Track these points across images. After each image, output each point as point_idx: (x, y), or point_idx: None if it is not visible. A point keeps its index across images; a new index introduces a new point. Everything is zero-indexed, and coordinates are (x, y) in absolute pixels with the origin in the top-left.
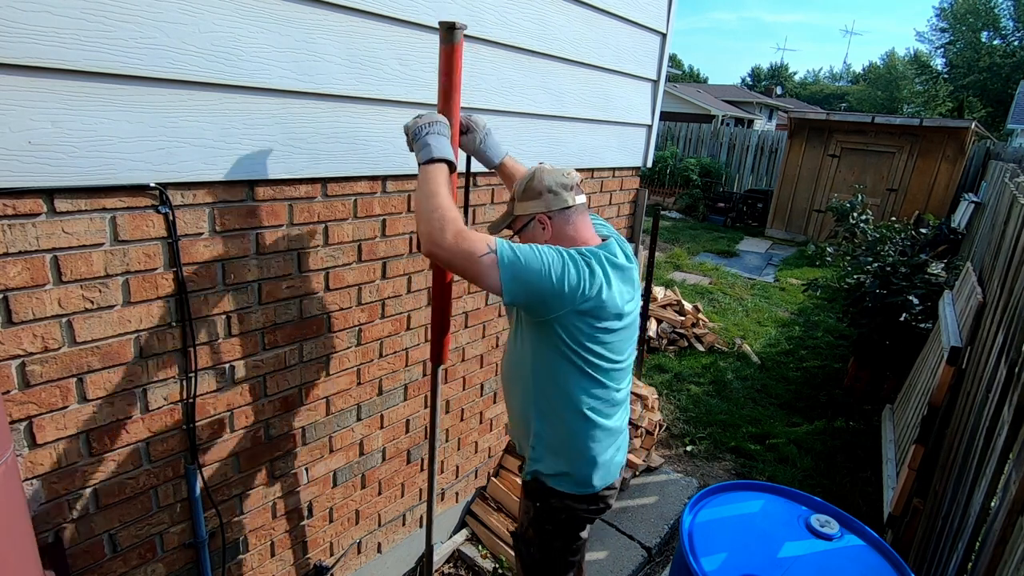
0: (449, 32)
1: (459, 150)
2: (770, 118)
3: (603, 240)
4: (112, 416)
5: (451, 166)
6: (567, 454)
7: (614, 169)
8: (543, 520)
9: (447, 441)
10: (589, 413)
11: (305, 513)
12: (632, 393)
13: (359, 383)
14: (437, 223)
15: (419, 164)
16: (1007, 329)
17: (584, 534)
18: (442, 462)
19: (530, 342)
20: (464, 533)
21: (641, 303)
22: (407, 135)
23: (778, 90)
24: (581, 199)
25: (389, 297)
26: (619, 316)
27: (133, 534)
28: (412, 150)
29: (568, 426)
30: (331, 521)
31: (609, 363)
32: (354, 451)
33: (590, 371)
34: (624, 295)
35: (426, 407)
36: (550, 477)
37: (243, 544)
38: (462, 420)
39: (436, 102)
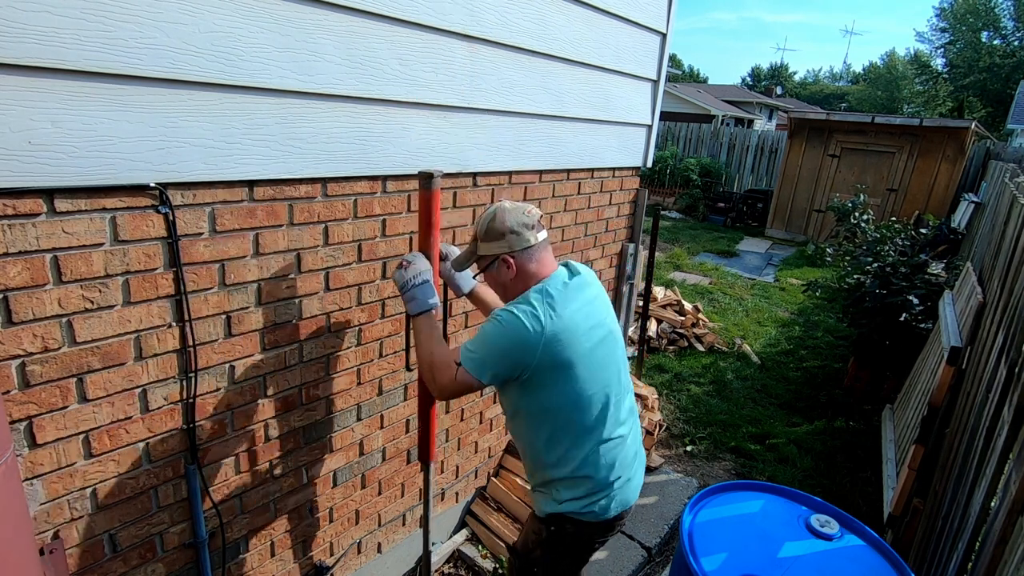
0: (427, 180)
1: (438, 276)
2: (770, 118)
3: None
4: (112, 416)
5: (435, 308)
6: (585, 487)
7: (614, 169)
8: (555, 544)
9: (447, 441)
10: (594, 439)
11: (305, 513)
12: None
13: (359, 383)
14: (428, 373)
15: (409, 315)
16: (1007, 329)
17: (590, 556)
18: (442, 462)
19: (522, 399)
20: (464, 533)
21: (613, 315)
22: (395, 285)
23: (778, 90)
24: (543, 235)
25: (389, 297)
26: (588, 332)
27: (133, 534)
28: (401, 297)
29: (582, 463)
30: (331, 521)
31: (597, 382)
32: (354, 451)
33: (581, 397)
34: (584, 313)
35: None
36: (569, 508)
37: (243, 544)
38: (462, 420)
39: (436, 103)
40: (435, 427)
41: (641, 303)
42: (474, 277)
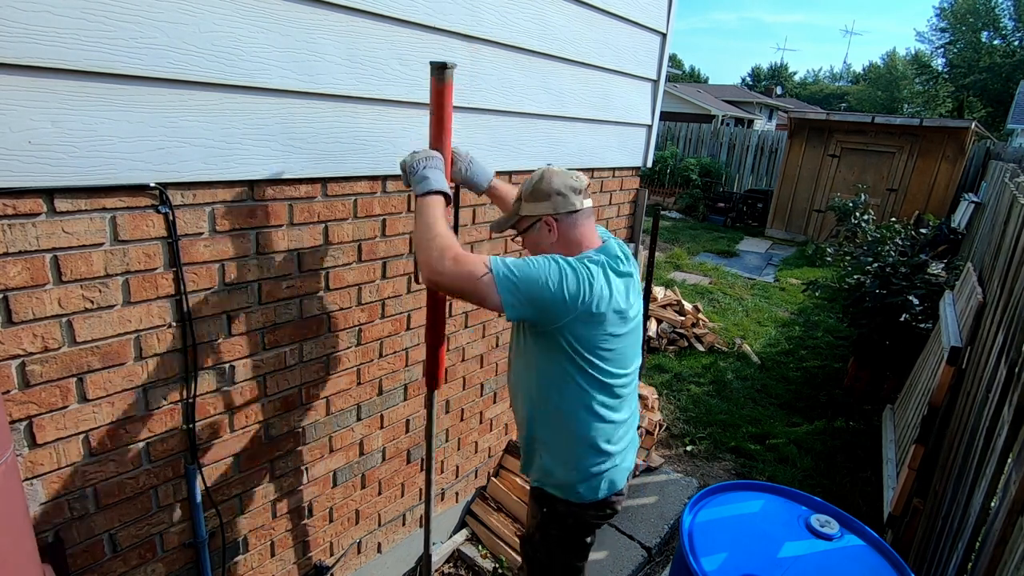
0: (440, 71)
1: (450, 181)
2: (770, 118)
3: (603, 243)
4: (112, 416)
5: (447, 198)
6: (574, 462)
7: (614, 169)
8: (550, 525)
9: (447, 441)
10: (596, 421)
11: (305, 513)
12: None
13: (359, 383)
14: (436, 251)
15: (416, 196)
16: (1007, 329)
17: (590, 539)
18: (442, 462)
19: (535, 353)
20: (464, 533)
21: (642, 306)
22: (403, 170)
23: (778, 90)
24: (588, 203)
25: (389, 297)
26: (623, 320)
27: (133, 534)
28: (408, 185)
29: (575, 434)
30: (331, 521)
31: (615, 369)
32: (354, 451)
33: (597, 377)
34: (626, 297)
35: (426, 407)
36: (557, 485)
37: (243, 544)
38: (462, 420)
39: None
40: (444, 350)
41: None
42: (513, 240)
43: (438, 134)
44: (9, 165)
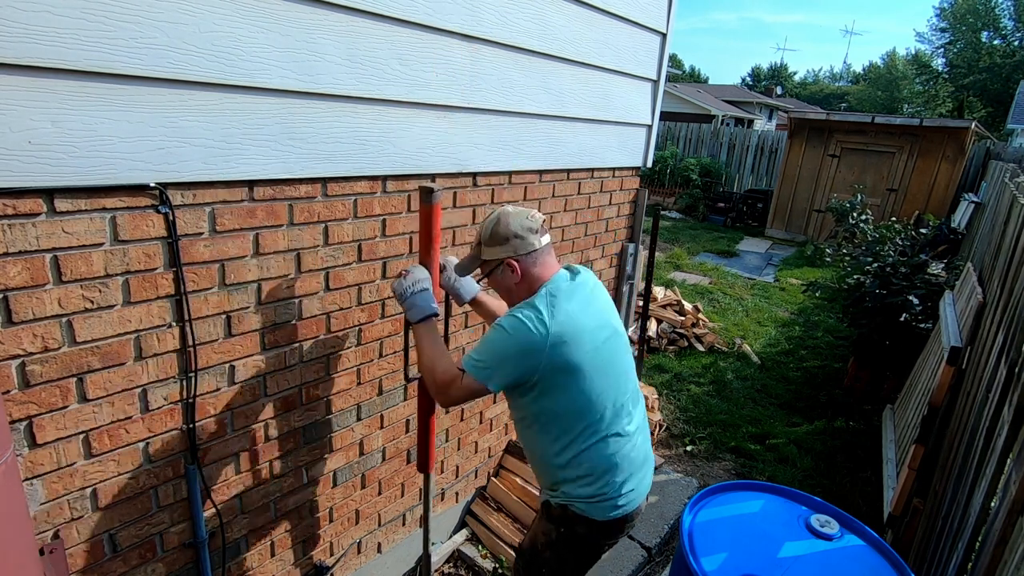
0: (428, 195)
1: (440, 287)
2: (770, 118)
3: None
4: (112, 416)
5: (435, 314)
6: (596, 484)
7: (614, 169)
8: (565, 546)
9: (447, 441)
10: (604, 439)
11: (305, 513)
12: None
13: (359, 383)
14: (430, 380)
15: (410, 322)
16: (1007, 329)
17: (604, 554)
18: (442, 462)
19: (530, 403)
20: (464, 533)
21: (616, 316)
22: (394, 294)
23: (778, 90)
24: (546, 239)
25: (389, 297)
26: (594, 331)
27: (133, 534)
28: (401, 307)
29: (592, 464)
30: (331, 521)
31: (606, 380)
32: (354, 451)
33: (590, 398)
34: (587, 312)
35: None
36: (579, 505)
37: (243, 544)
38: (462, 420)
39: (436, 103)
40: (434, 436)
41: (641, 303)
42: (478, 282)
43: (427, 249)
44: (9, 165)
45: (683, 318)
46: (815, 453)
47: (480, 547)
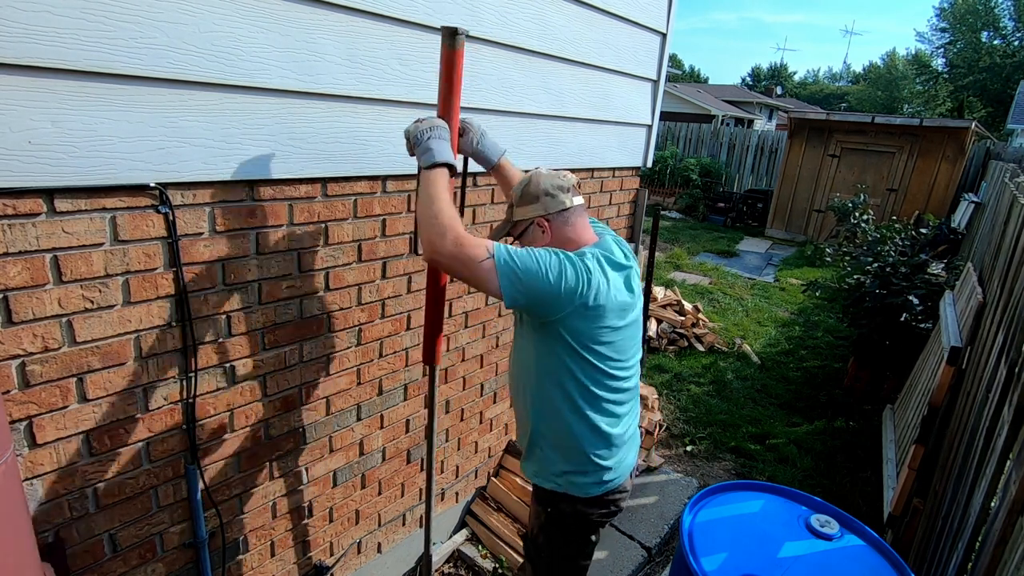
0: (451, 37)
1: (457, 153)
2: (770, 118)
3: (599, 239)
4: (112, 416)
5: (451, 169)
6: (575, 457)
7: (614, 169)
8: (554, 525)
9: (447, 441)
10: (595, 415)
11: (305, 513)
12: None
13: (359, 383)
14: (437, 229)
15: (420, 168)
16: (1007, 329)
17: (595, 538)
18: (442, 462)
19: (534, 345)
20: (464, 533)
21: (642, 302)
22: (407, 140)
23: (778, 90)
24: (578, 200)
25: (389, 297)
26: (621, 313)
27: (133, 534)
28: (412, 154)
29: (574, 428)
30: (331, 521)
31: (614, 364)
32: (354, 451)
33: (595, 372)
34: (623, 292)
35: (426, 407)
36: (558, 481)
37: (243, 544)
38: (462, 420)
39: (436, 102)
40: (442, 325)
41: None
42: (512, 243)
43: (447, 102)
44: (9, 165)
45: (683, 318)
46: (815, 453)
47: (480, 547)
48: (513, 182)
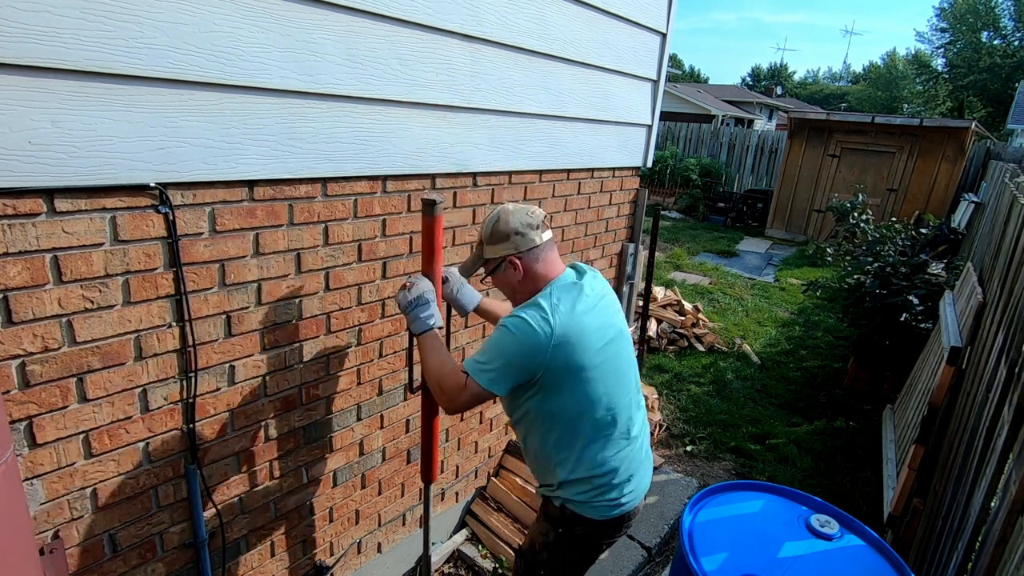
0: (430, 207)
1: (441, 300)
2: (770, 118)
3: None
4: (112, 416)
5: (439, 328)
6: (593, 484)
7: (614, 169)
8: (563, 547)
9: (447, 441)
10: (604, 440)
11: (305, 513)
12: None
13: (359, 383)
14: (437, 390)
15: (414, 335)
16: (1007, 329)
17: (602, 556)
18: (442, 462)
19: (531, 405)
20: (464, 533)
21: (642, 310)
22: (399, 307)
23: (778, 90)
24: (547, 235)
25: (389, 297)
26: (599, 332)
27: (133, 534)
28: (405, 318)
29: (592, 463)
30: (331, 521)
31: (608, 381)
32: (354, 451)
33: (593, 399)
34: (592, 314)
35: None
36: (579, 505)
37: (243, 544)
38: (462, 420)
39: (436, 103)
40: (438, 446)
41: (641, 303)
42: (482, 281)
43: (429, 260)
44: (9, 165)
45: (683, 318)
46: (815, 453)
47: (480, 547)
48: (495, 314)
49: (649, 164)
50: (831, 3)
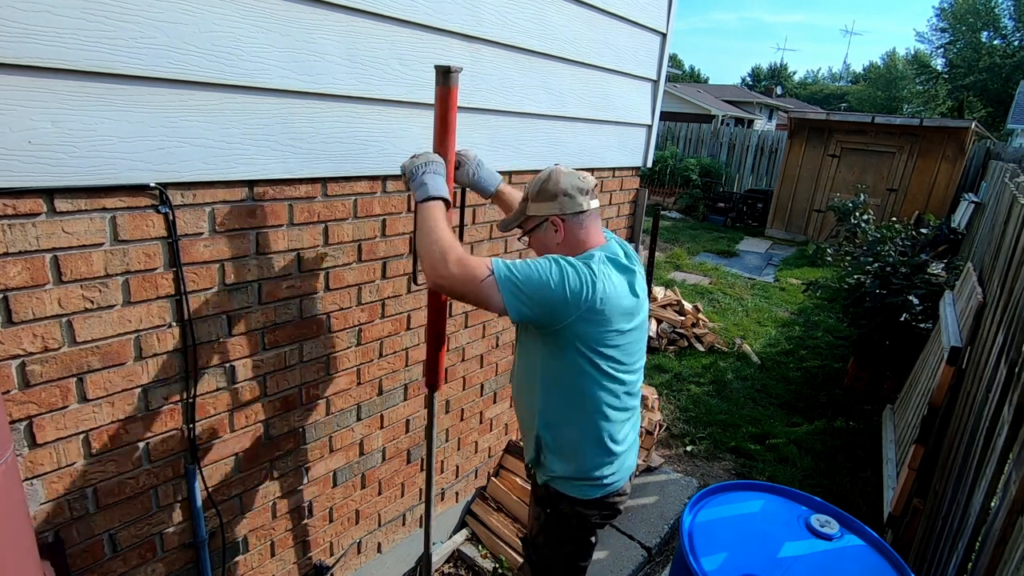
0: (445, 75)
1: (454, 185)
2: (770, 118)
3: (606, 242)
4: (112, 416)
5: (447, 203)
6: (577, 460)
7: (614, 169)
8: (553, 526)
9: (447, 441)
10: (600, 420)
11: (305, 513)
12: None
13: (359, 383)
14: (439, 254)
15: (416, 202)
16: (1007, 329)
17: (594, 539)
18: (442, 462)
19: (540, 352)
20: (464, 533)
21: (647, 306)
22: (404, 175)
23: (778, 90)
24: (595, 204)
25: (389, 297)
26: (628, 317)
27: (133, 534)
28: (408, 189)
29: (578, 434)
30: (331, 521)
31: (619, 368)
32: (354, 451)
33: (600, 377)
34: (629, 296)
35: (426, 407)
36: (561, 482)
37: (243, 544)
38: (462, 420)
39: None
40: (444, 351)
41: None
42: (519, 239)
43: (442, 137)
44: (9, 165)
45: (683, 318)
46: (815, 453)
47: (480, 547)
48: (514, 202)
49: (649, 164)
50: (831, 3)
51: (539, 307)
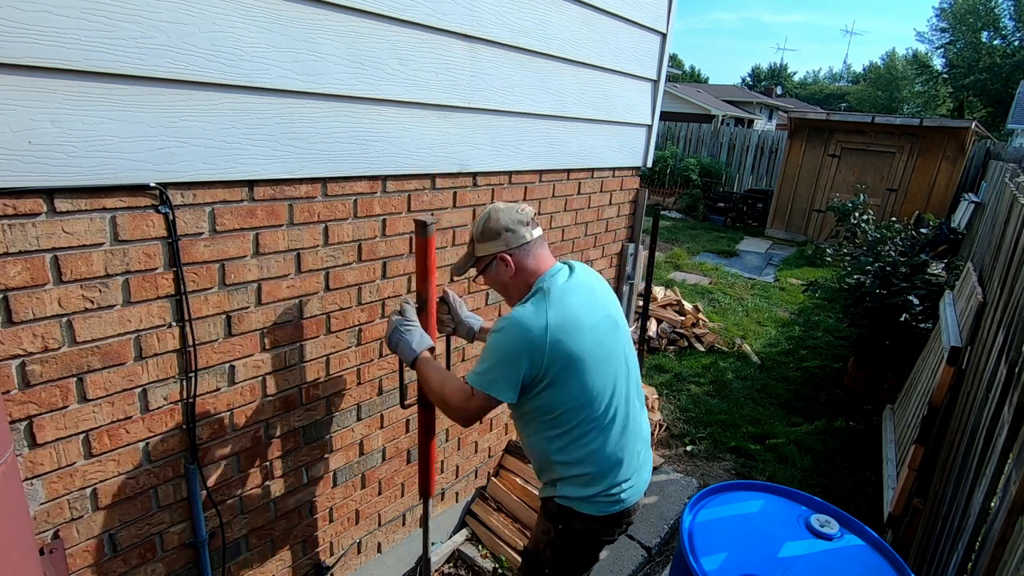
0: (422, 228)
1: (438, 333)
2: (770, 118)
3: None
4: (112, 416)
5: (430, 349)
6: (594, 480)
7: (614, 169)
8: (564, 542)
9: (447, 441)
10: (609, 439)
11: (305, 513)
12: None
13: (359, 383)
14: (441, 404)
15: (406, 365)
16: (1007, 329)
17: (603, 554)
18: (442, 462)
19: (533, 403)
20: (464, 533)
21: (640, 303)
22: (387, 344)
23: (778, 90)
24: (538, 232)
25: (389, 297)
26: (589, 330)
27: (133, 534)
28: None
29: (591, 458)
30: (331, 521)
31: (609, 377)
32: (354, 451)
33: (595, 397)
34: (585, 303)
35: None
36: (578, 502)
37: (243, 544)
38: None
39: (436, 103)
40: (435, 461)
41: (641, 303)
42: (474, 280)
43: (423, 283)
44: (9, 165)
45: (683, 318)
46: (815, 453)
47: (480, 547)
48: None
49: (649, 164)
50: (831, 3)
51: (515, 372)
